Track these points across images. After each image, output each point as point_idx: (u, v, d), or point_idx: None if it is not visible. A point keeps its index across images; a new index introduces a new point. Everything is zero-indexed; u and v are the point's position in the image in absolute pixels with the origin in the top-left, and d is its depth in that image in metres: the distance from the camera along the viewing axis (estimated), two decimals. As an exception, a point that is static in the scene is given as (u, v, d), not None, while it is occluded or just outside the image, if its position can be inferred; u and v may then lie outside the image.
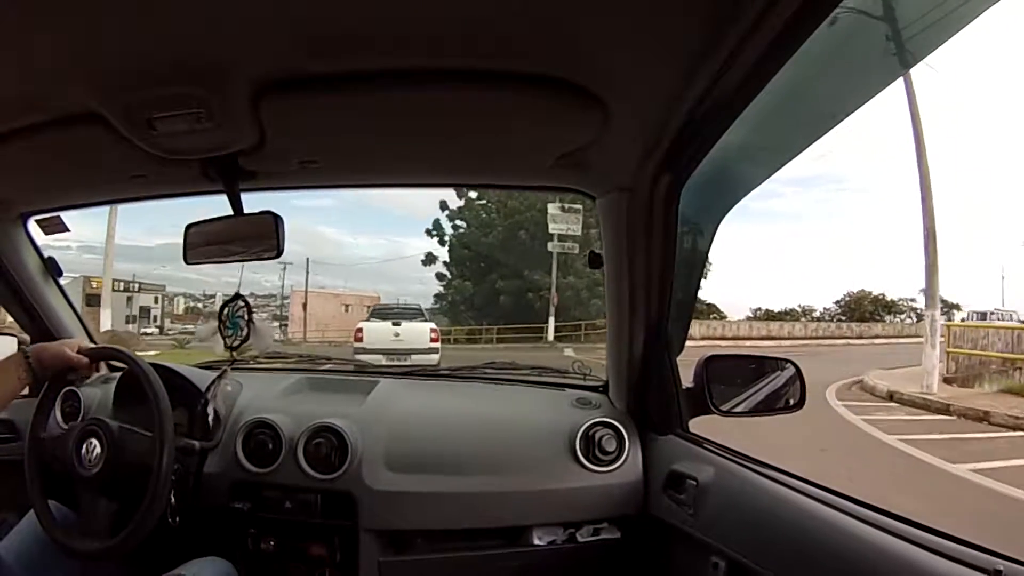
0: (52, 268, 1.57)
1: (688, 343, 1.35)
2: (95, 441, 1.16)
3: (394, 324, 9.62)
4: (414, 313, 11.15)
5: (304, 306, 27.44)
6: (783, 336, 25.38)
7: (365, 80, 0.83)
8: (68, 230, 1.53)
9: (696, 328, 22.76)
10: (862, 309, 31.40)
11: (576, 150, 1.03)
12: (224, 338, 1.37)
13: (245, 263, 1.27)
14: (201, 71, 0.80)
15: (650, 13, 0.67)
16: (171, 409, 1.18)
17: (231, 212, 1.20)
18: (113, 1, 0.66)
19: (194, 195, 1.35)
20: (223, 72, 0.80)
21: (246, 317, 1.36)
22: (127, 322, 29.66)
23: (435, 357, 8.72)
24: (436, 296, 26.20)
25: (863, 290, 32.61)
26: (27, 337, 1.64)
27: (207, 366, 1.68)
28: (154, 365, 1.27)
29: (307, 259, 28.57)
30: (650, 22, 0.69)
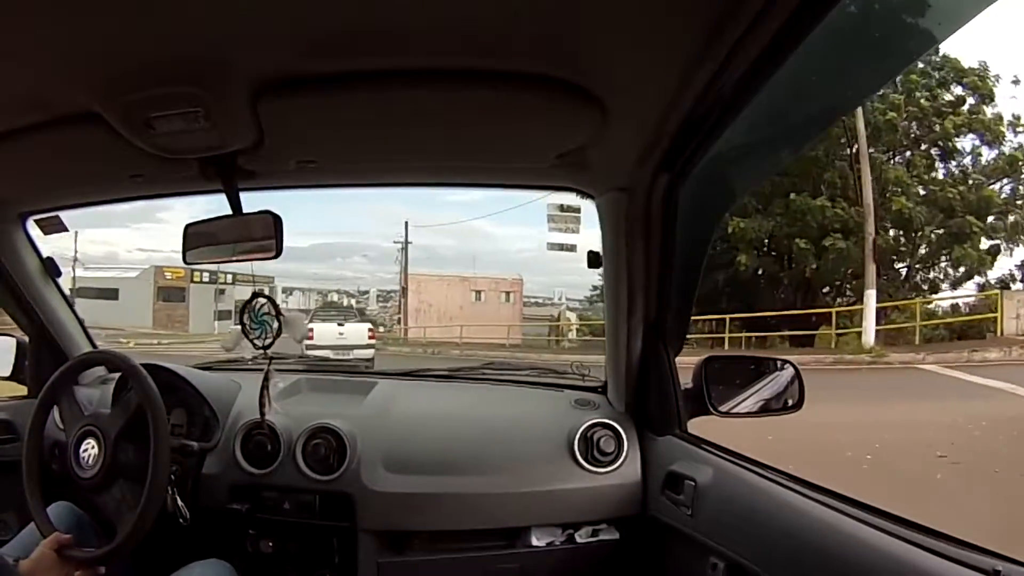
0: (51, 268, 1.57)
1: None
2: (92, 442, 1.16)
3: (339, 325, 11.93)
4: (351, 312, 14.55)
5: (404, 291, 22.26)
6: None
7: (364, 80, 0.83)
8: (67, 230, 1.52)
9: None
10: None
11: (575, 150, 1.03)
12: (252, 340, 1.35)
13: (257, 261, 1.26)
14: (199, 71, 0.80)
15: (649, 13, 0.67)
16: (166, 410, 1.18)
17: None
18: (112, 1, 0.66)
19: (193, 195, 1.35)
20: (221, 72, 0.80)
21: (272, 312, 1.34)
22: (216, 319, 25.20)
23: (370, 352, 11.04)
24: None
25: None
26: (26, 338, 1.63)
27: (206, 367, 1.68)
28: (153, 366, 1.27)
29: (405, 222, 23.17)
30: (649, 22, 0.69)
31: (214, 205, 1.21)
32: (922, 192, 12.92)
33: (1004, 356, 9.66)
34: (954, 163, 13.54)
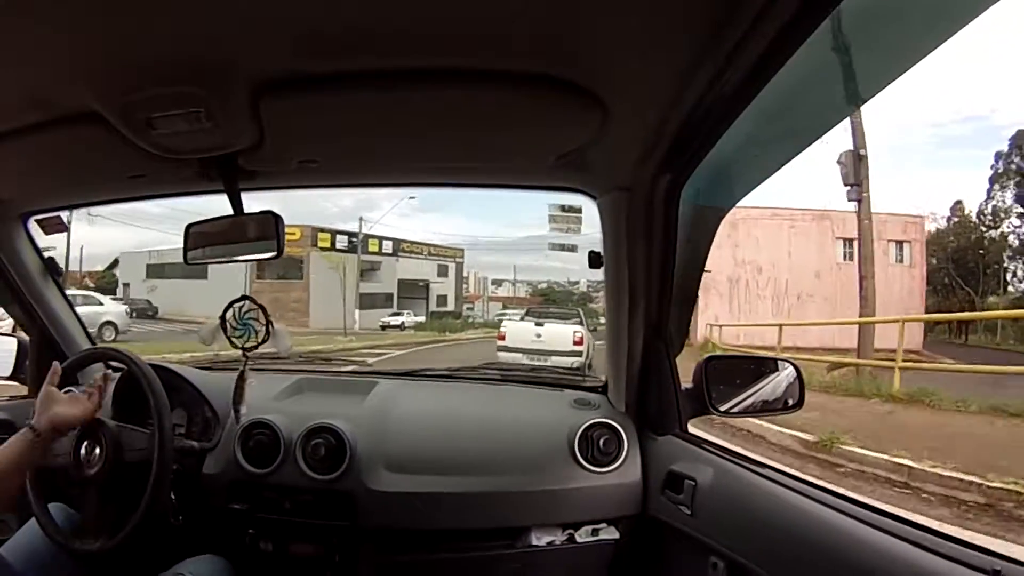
0: (52, 268, 1.57)
1: None
2: (94, 442, 1.16)
3: (537, 324, 9.37)
4: (564, 315, 11.04)
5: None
6: None
7: (365, 80, 0.83)
8: (68, 230, 1.52)
9: None
10: None
11: (576, 150, 1.03)
12: (231, 340, 1.35)
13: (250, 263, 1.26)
14: (200, 71, 0.80)
15: (650, 13, 0.67)
16: (170, 409, 1.18)
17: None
18: (113, 1, 0.66)
19: (194, 195, 1.35)
20: (222, 72, 0.80)
21: (261, 319, 1.34)
22: (358, 307, 17.87)
23: (576, 360, 8.39)
24: None
25: None
26: (27, 337, 1.64)
27: (207, 367, 1.68)
28: (153, 366, 1.27)
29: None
30: (650, 22, 0.69)
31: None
32: None
33: None
34: None
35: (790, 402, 1.31)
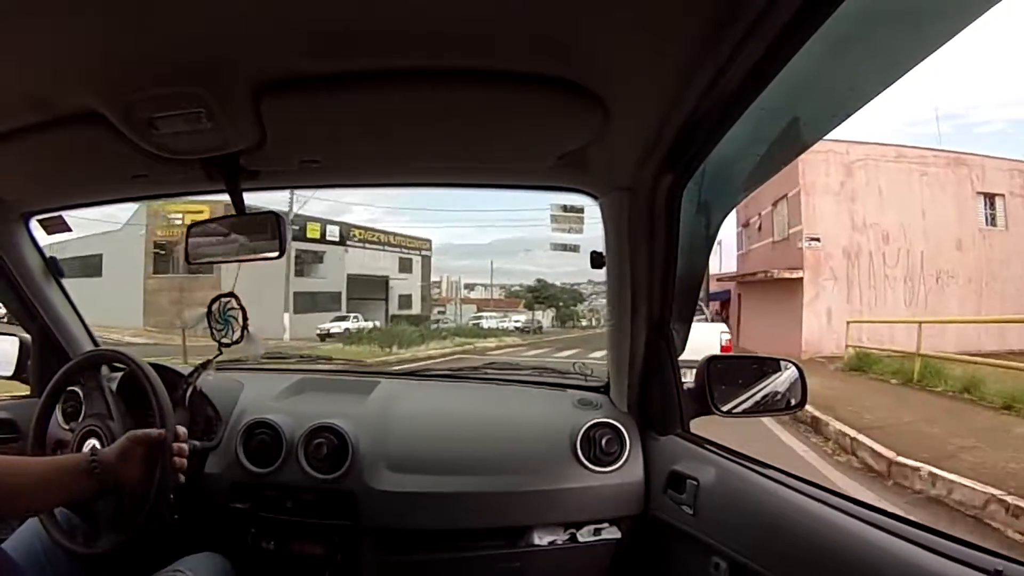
0: (54, 268, 1.57)
1: None
2: (95, 442, 1.16)
3: None
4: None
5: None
6: None
7: (365, 80, 0.83)
8: (70, 229, 1.53)
9: None
10: None
11: (577, 150, 1.03)
12: (214, 332, 1.37)
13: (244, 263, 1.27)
14: (201, 71, 0.80)
15: (650, 13, 0.67)
16: (172, 409, 1.18)
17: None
18: (113, 1, 0.66)
19: (196, 195, 1.36)
20: (223, 72, 0.80)
21: (240, 319, 1.35)
22: (289, 311, 13.91)
23: None
24: None
25: None
26: (28, 336, 1.64)
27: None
28: (155, 366, 1.27)
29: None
30: (650, 22, 0.69)
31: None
32: None
33: None
34: None
35: (792, 402, 1.31)
